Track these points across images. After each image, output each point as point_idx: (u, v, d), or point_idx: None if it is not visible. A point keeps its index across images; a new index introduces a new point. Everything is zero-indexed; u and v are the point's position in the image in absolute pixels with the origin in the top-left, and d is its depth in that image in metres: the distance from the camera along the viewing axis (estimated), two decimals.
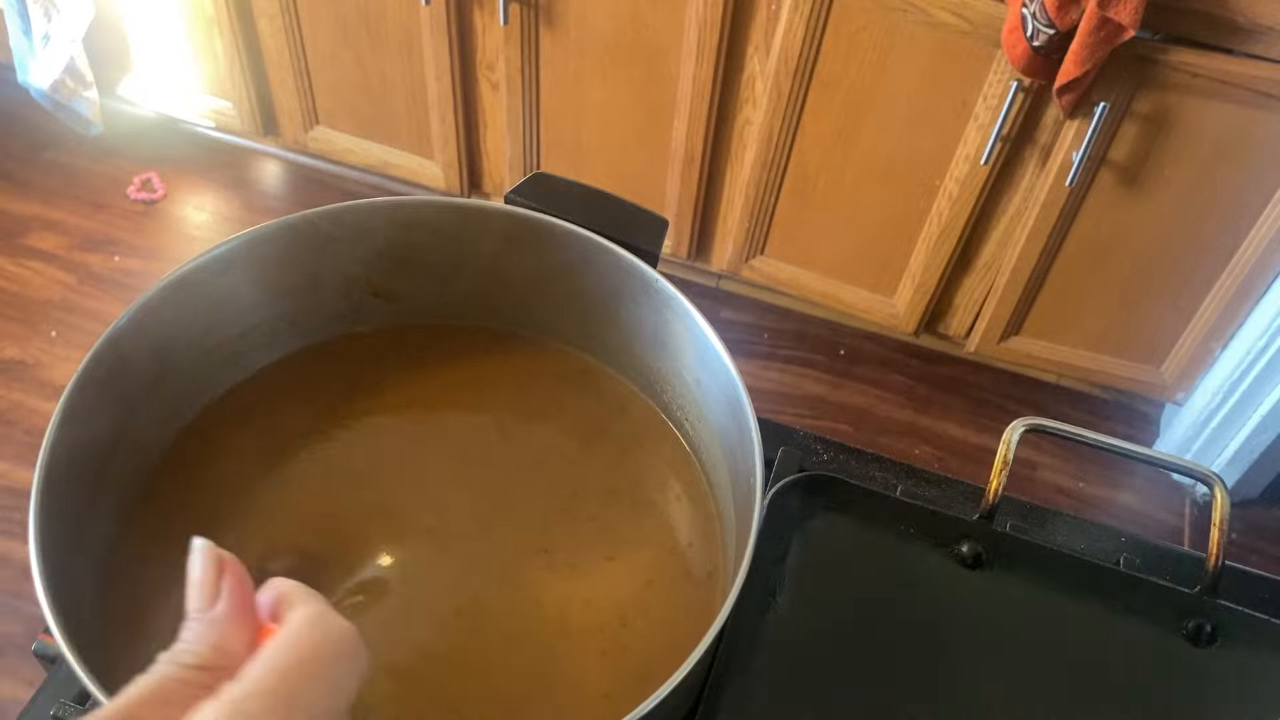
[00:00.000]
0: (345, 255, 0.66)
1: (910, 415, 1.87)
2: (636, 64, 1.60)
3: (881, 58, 1.46)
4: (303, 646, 0.31)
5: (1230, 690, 0.63)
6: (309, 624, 0.32)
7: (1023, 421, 0.66)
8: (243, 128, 1.97)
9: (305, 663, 0.31)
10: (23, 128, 2.11)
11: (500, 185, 1.90)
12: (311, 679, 0.31)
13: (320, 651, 0.31)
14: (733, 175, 1.71)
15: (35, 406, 1.70)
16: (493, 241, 0.67)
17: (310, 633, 0.32)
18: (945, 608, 0.65)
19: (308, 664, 0.31)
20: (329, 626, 0.32)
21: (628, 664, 0.58)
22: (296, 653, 0.31)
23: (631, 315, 0.66)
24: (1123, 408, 1.91)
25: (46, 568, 0.47)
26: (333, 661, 0.32)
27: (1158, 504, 1.80)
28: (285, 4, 1.72)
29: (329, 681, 0.31)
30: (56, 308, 1.85)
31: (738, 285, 1.98)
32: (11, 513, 1.58)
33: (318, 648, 0.32)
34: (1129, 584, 0.66)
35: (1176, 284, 1.61)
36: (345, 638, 0.33)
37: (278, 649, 0.31)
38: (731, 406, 0.58)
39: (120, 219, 2.00)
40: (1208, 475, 0.65)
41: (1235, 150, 1.41)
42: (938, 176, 1.57)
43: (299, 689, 0.30)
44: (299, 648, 0.31)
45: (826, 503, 0.68)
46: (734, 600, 0.48)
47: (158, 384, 0.61)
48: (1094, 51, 1.27)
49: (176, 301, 0.59)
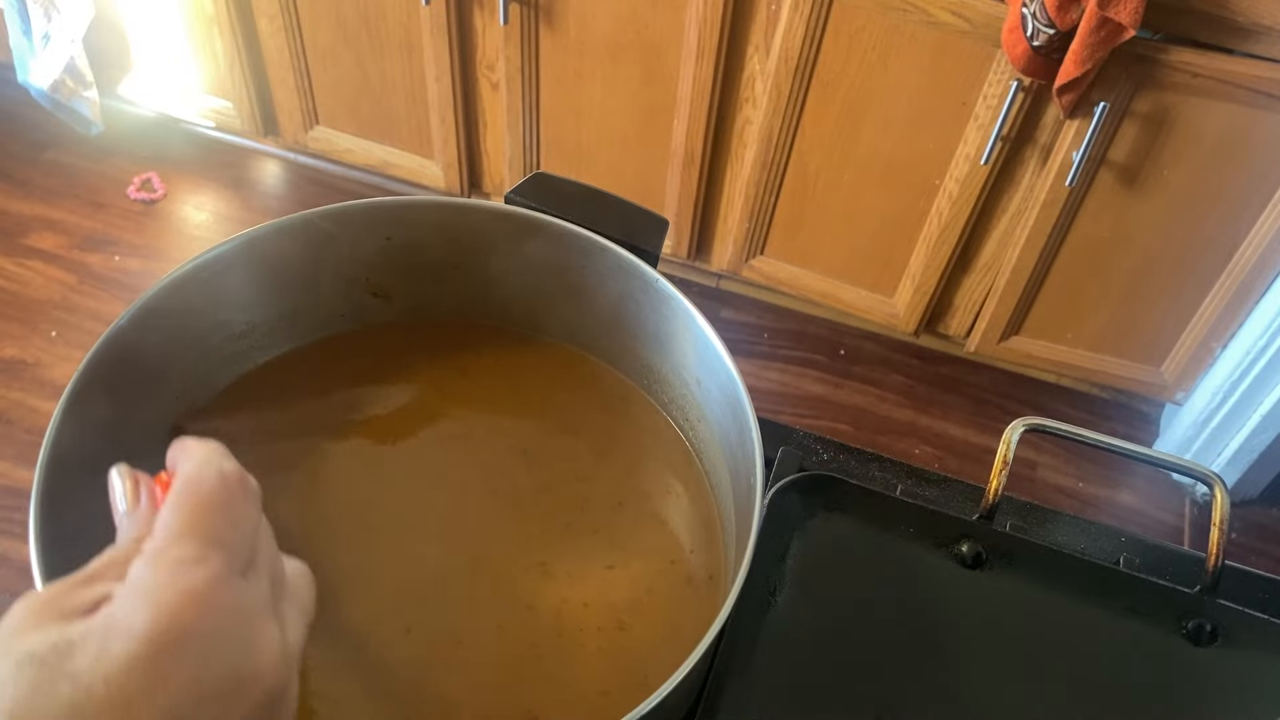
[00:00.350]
0: (345, 255, 0.66)
1: (910, 415, 1.87)
2: (636, 64, 1.60)
3: (881, 58, 1.46)
4: (200, 488, 0.33)
5: (1230, 690, 0.63)
6: (201, 465, 0.34)
7: (1023, 421, 0.66)
8: (243, 127, 1.97)
9: (205, 501, 0.32)
10: (23, 128, 2.11)
11: (500, 185, 1.90)
12: (216, 512, 0.32)
13: (212, 487, 0.33)
14: (733, 175, 1.71)
15: (35, 406, 1.70)
16: (493, 241, 0.67)
17: (202, 472, 0.33)
18: (945, 608, 0.65)
19: (207, 501, 0.32)
20: (221, 466, 0.34)
21: (627, 664, 0.58)
22: (195, 494, 0.33)
23: (631, 315, 0.66)
24: (1123, 408, 1.91)
25: (47, 568, 0.47)
26: (228, 496, 0.33)
27: (1158, 504, 1.80)
28: (285, 4, 1.72)
29: (231, 515, 0.33)
30: (56, 307, 1.85)
31: (738, 285, 1.98)
32: (11, 513, 1.58)
33: (211, 484, 0.33)
34: (1129, 584, 0.66)
35: (1176, 284, 1.61)
36: (237, 476, 0.34)
37: (175, 495, 0.33)
38: (731, 406, 0.58)
39: (120, 219, 2.00)
40: (1208, 475, 0.65)
41: (1235, 150, 1.41)
42: (938, 176, 1.57)
43: (205, 524, 0.32)
44: (197, 490, 0.33)
45: (826, 503, 0.68)
46: (734, 600, 0.48)
47: (158, 384, 0.61)
48: (1094, 51, 1.27)
49: (177, 301, 0.59)
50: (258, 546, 0.34)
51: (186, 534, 0.31)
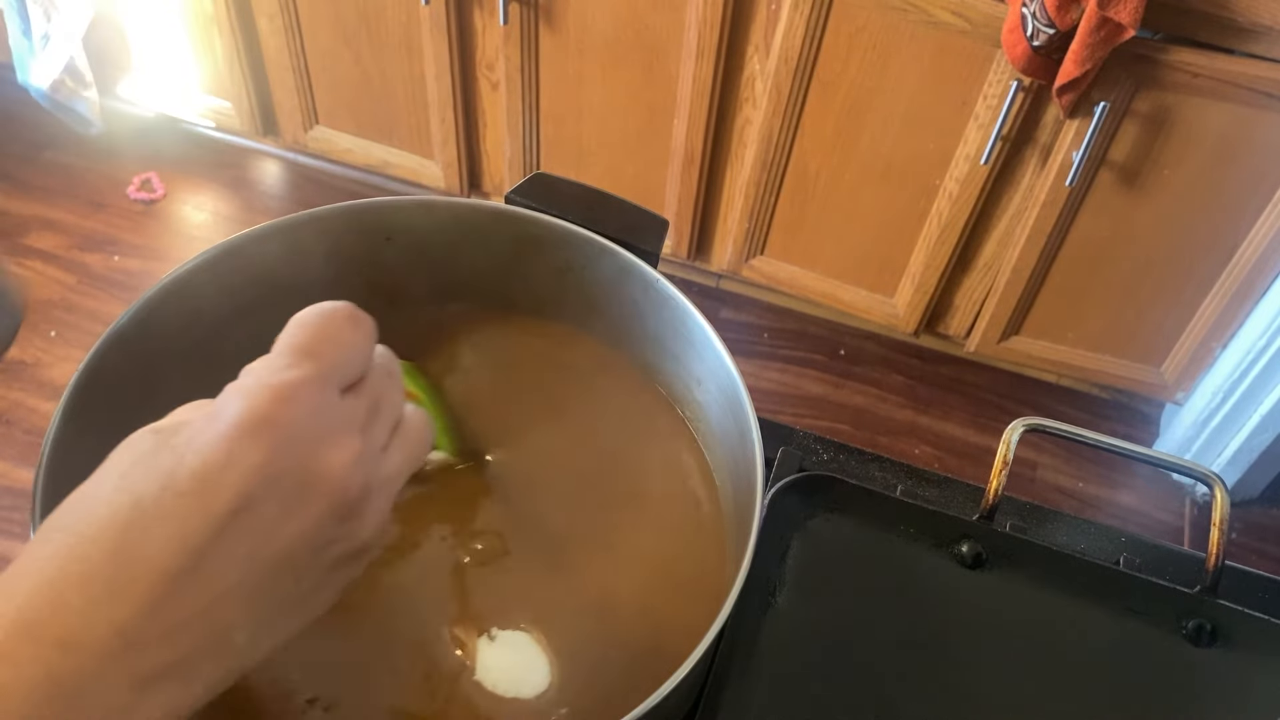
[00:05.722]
0: (345, 255, 0.66)
1: (910, 415, 1.87)
2: (636, 64, 1.60)
3: (881, 57, 1.46)
4: (304, 315, 0.37)
5: (1230, 690, 0.63)
6: (312, 306, 0.37)
7: (1023, 421, 0.66)
8: (242, 127, 1.97)
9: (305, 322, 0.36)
10: (22, 128, 2.11)
11: (500, 185, 1.90)
12: (315, 331, 0.36)
13: (315, 313, 0.37)
14: (733, 175, 1.71)
15: (35, 406, 1.70)
16: (492, 242, 0.67)
17: (310, 308, 0.37)
18: (945, 608, 0.65)
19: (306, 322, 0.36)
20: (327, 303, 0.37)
21: (627, 663, 0.58)
22: (299, 320, 0.36)
23: (631, 315, 0.66)
24: (1123, 408, 1.91)
25: None
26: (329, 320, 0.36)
27: (1158, 504, 1.80)
28: (285, 3, 1.72)
29: (329, 333, 0.36)
30: (56, 307, 1.85)
31: (738, 285, 1.98)
32: (11, 513, 1.58)
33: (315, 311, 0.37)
34: (1129, 584, 0.66)
35: (1177, 284, 1.61)
36: (345, 309, 0.37)
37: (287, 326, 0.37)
38: (732, 406, 0.58)
39: (120, 219, 2.00)
40: (1208, 475, 0.65)
41: (1235, 150, 1.41)
42: (938, 176, 1.57)
43: (301, 339, 0.35)
44: (301, 317, 0.36)
45: (826, 503, 0.68)
46: (734, 600, 0.48)
47: (158, 384, 0.60)
48: (1094, 51, 1.27)
49: (177, 301, 0.59)
50: (369, 376, 0.37)
51: (285, 348, 0.35)
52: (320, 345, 0.35)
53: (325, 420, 0.34)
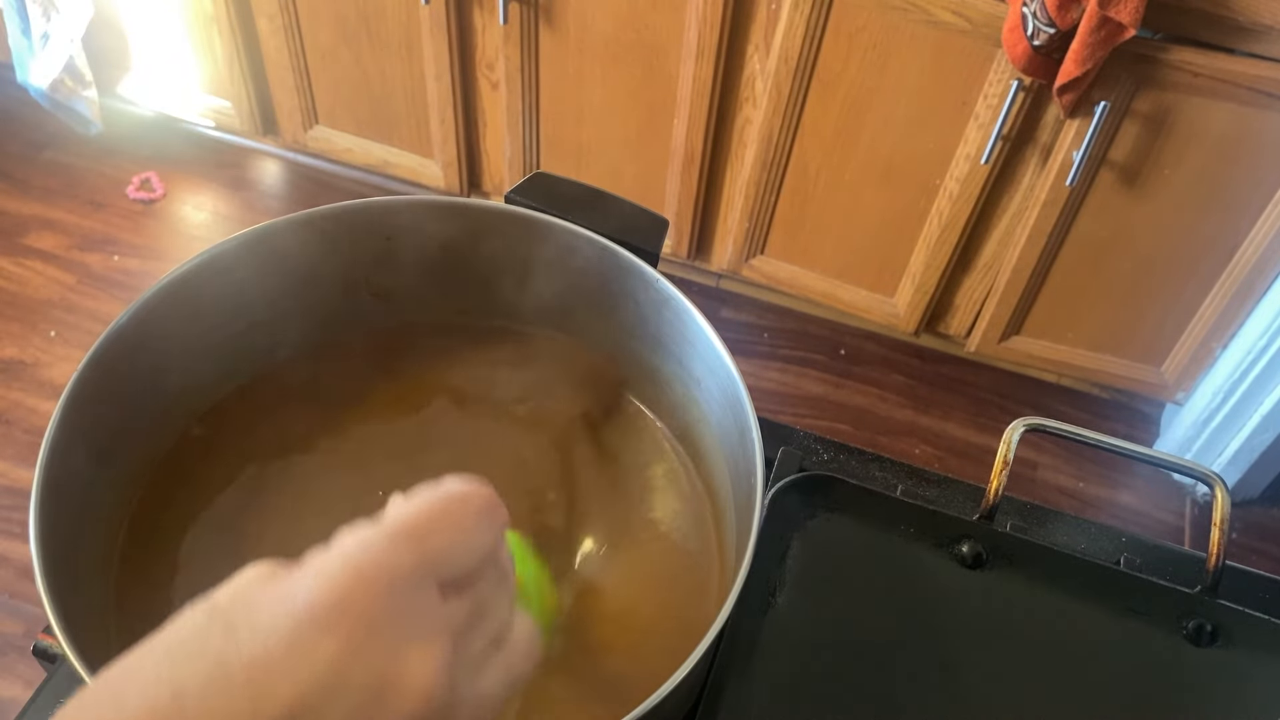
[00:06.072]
0: (345, 255, 0.66)
1: (910, 415, 1.87)
2: (636, 64, 1.60)
3: (881, 57, 1.46)
4: (432, 494, 0.32)
5: (1230, 690, 0.63)
6: (453, 480, 0.33)
7: (1023, 421, 0.66)
8: (242, 127, 1.97)
9: (425, 504, 0.31)
10: (22, 127, 2.11)
11: (500, 185, 1.90)
12: (430, 515, 0.31)
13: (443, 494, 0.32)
14: (733, 175, 1.71)
15: (35, 406, 1.70)
16: (492, 241, 0.67)
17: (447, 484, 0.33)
18: (945, 608, 0.65)
19: (427, 505, 0.31)
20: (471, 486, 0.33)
21: (627, 663, 0.58)
22: (423, 498, 0.32)
23: (631, 315, 0.66)
24: (1123, 407, 1.91)
25: (47, 566, 0.47)
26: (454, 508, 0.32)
27: (1158, 504, 1.80)
28: (285, 3, 1.72)
29: (446, 523, 0.31)
30: (56, 307, 1.85)
31: (738, 285, 1.98)
32: (11, 513, 1.58)
33: (444, 492, 0.32)
34: (1129, 584, 0.66)
35: (1177, 284, 1.61)
36: (481, 497, 0.33)
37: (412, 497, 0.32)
38: (732, 406, 0.58)
39: (120, 219, 2.00)
40: (1208, 475, 0.65)
41: (1236, 149, 1.41)
42: (938, 176, 1.57)
43: (412, 522, 0.31)
44: (428, 495, 0.32)
45: (826, 503, 0.68)
46: (734, 600, 0.48)
47: (158, 383, 0.60)
48: (1094, 51, 1.27)
49: (176, 301, 0.59)
50: (479, 578, 0.32)
51: (389, 522, 0.30)
52: (432, 529, 0.31)
53: (416, 619, 0.29)
